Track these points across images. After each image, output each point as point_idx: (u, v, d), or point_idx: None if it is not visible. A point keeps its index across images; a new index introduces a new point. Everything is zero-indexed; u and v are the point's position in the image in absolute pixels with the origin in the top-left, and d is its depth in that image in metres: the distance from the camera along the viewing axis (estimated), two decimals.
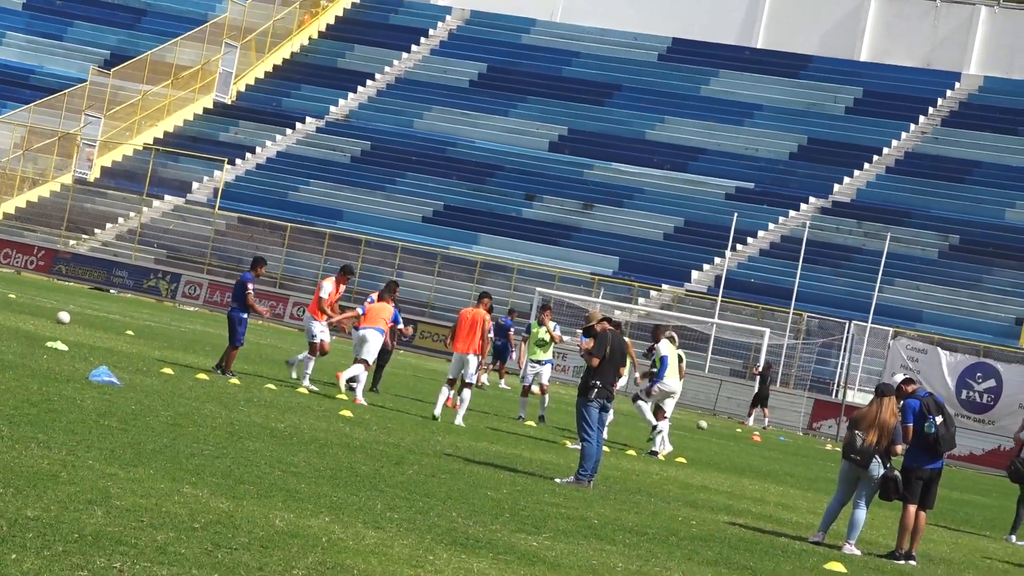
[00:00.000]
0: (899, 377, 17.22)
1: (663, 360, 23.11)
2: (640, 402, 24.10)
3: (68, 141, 57.89)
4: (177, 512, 8.93)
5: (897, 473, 14.84)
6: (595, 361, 16.90)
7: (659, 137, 61.83)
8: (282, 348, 29.00)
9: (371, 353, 24.16)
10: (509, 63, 68.59)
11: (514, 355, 32.34)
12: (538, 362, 27.79)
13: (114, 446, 12.07)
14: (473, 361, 23.01)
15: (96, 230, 56.40)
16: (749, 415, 41.11)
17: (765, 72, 64.25)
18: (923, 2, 59.13)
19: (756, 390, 41.03)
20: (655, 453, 23.30)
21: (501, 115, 64.76)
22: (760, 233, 54.48)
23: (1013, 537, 18.68)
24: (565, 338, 31.17)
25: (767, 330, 47.81)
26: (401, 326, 27.45)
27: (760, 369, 41.76)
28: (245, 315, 24.33)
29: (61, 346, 22.74)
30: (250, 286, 24.37)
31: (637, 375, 25.88)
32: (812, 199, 54.47)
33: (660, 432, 23.39)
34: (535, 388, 28.08)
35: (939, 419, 15.15)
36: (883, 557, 14.59)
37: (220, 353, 25.28)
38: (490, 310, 24.47)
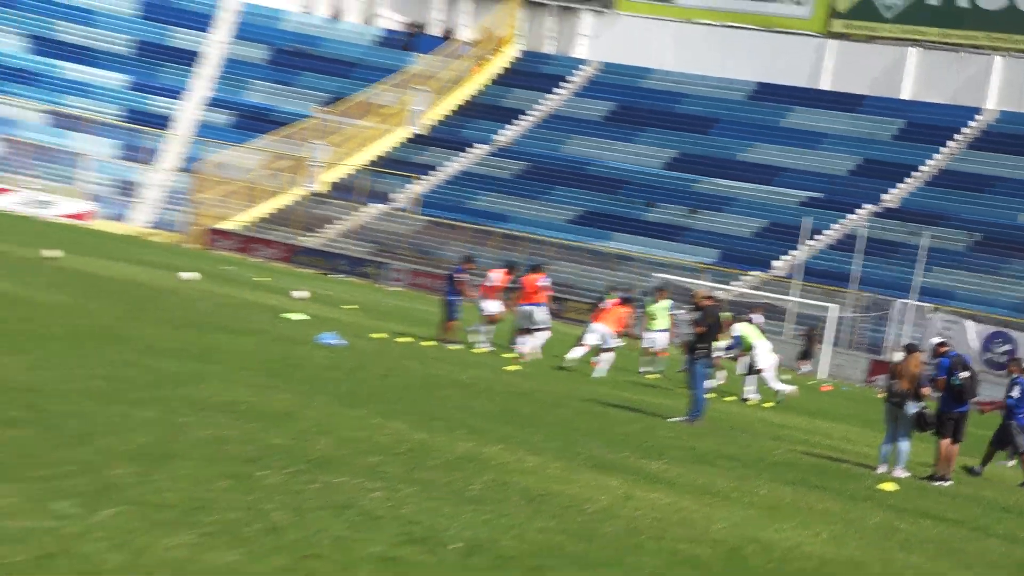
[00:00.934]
0: (936, 340, 19.61)
1: (739, 340, 24.35)
2: (763, 374, 24.45)
3: (300, 163, 63.01)
4: (385, 441, 10.82)
5: (928, 410, 16.17)
6: (700, 329, 19.01)
7: (749, 158, 65.24)
8: (466, 320, 28.94)
9: (547, 322, 26.46)
10: (633, 102, 68.20)
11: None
12: (655, 331, 29.08)
13: (338, 392, 13.89)
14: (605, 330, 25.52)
15: (323, 229, 60.12)
16: (799, 368, 41.84)
17: (830, 108, 68.13)
18: (950, 52, 64.13)
19: (802, 346, 42.72)
20: (780, 401, 25.31)
21: (627, 141, 65.83)
22: (826, 231, 57.89)
23: (978, 468, 18.51)
24: (676, 313, 31.36)
25: (834, 305, 49.45)
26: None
27: (806, 332, 43.75)
28: (456, 298, 26.00)
29: (298, 316, 24.57)
30: (460, 276, 26.58)
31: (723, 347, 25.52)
32: (867, 205, 59.02)
33: (782, 392, 25.08)
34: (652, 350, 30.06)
35: (965, 374, 16.67)
36: (924, 479, 16.06)
37: (420, 324, 28.97)
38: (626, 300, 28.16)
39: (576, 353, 26.29)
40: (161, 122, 66.22)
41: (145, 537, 5.64)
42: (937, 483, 16.02)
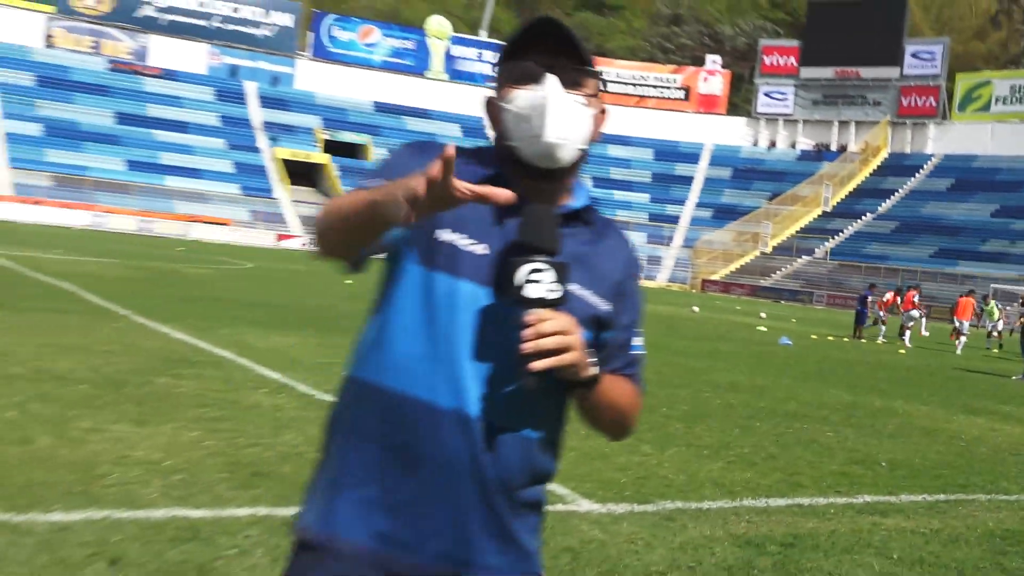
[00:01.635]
0: None
1: None
2: None
3: (757, 235, 73.59)
4: (830, 402, 15.04)
5: None
6: None
7: None
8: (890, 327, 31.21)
9: (918, 321, 30.70)
10: (966, 177, 74.30)
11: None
12: (993, 322, 33.51)
13: (794, 373, 16.95)
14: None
15: (773, 274, 69.21)
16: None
17: None
18: None
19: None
20: None
21: (962, 203, 71.71)
22: None
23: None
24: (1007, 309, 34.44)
25: None
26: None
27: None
28: (864, 310, 30.10)
29: (764, 328, 29.14)
30: (869, 297, 30.93)
31: None
32: None
33: None
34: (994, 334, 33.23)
35: None
36: None
37: (840, 327, 32.72)
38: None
39: (959, 342, 29.18)
40: (673, 219, 77.64)
41: (694, 465, 8.12)
42: None
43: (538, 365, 1.74)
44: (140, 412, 7.85)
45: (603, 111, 2.00)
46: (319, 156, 69.61)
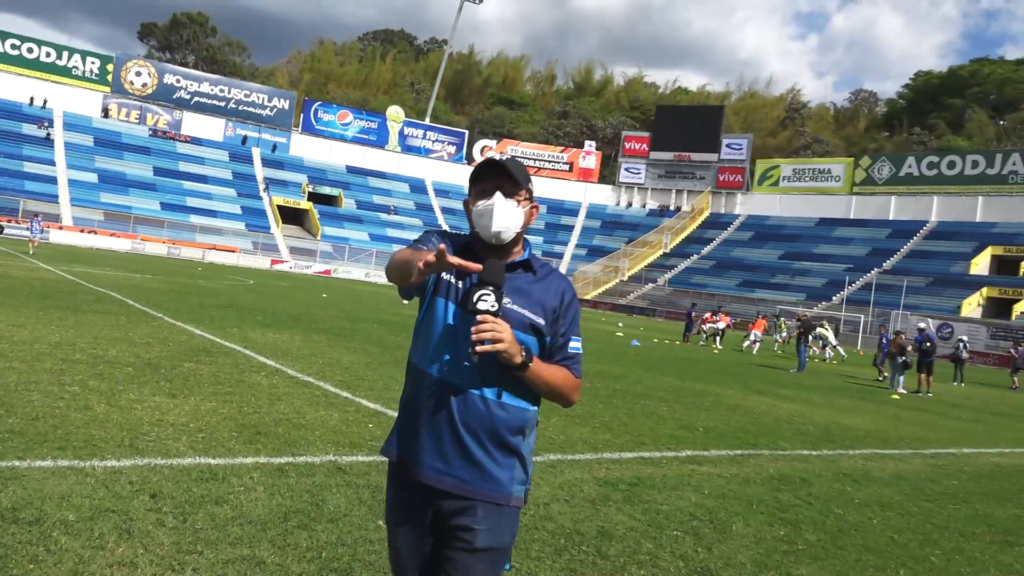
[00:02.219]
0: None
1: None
2: None
3: (616, 267, 73.26)
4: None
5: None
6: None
7: None
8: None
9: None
10: (767, 231, 72.93)
11: None
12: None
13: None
14: None
15: (628, 295, 66.60)
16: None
17: None
18: None
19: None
20: None
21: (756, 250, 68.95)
22: None
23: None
24: None
25: None
26: None
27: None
28: (692, 322, 29.93)
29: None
30: (692, 313, 30.60)
31: None
32: None
33: None
34: None
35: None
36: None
37: (669, 334, 29.90)
38: None
39: (754, 347, 28.62)
40: (559, 255, 73.92)
41: (569, 429, 10.35)
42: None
43: (480, 348, 2.16)
44: (171, 388, 7.66)
45: (535, 207, 2.44)
46: (305, 203, 69.09)
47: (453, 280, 2.34)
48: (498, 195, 2.30)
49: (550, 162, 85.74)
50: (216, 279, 30.56)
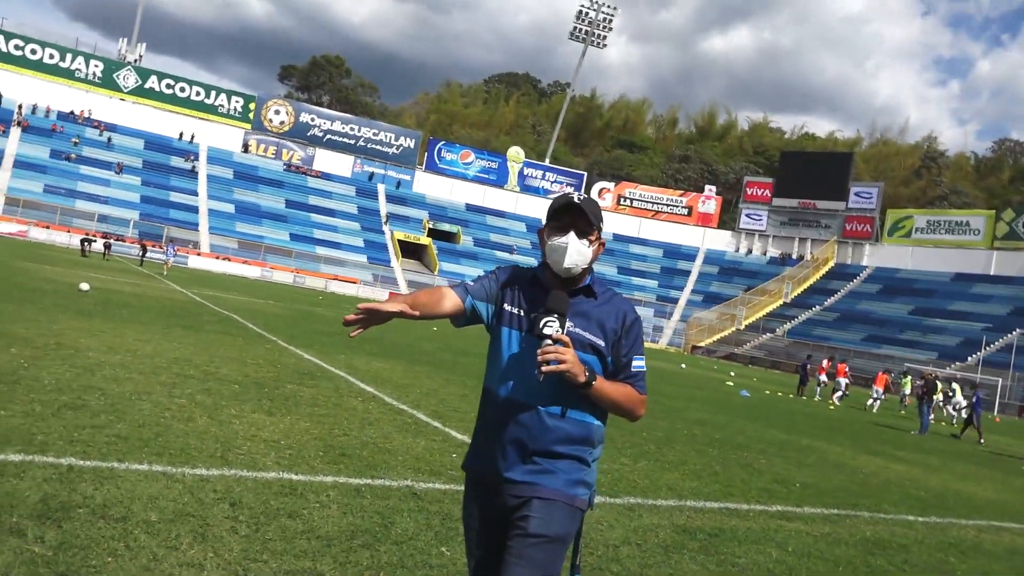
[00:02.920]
0: None
1: None
2: None
3: (733, 315, 72.65)
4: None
5: None
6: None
7: None
8: None
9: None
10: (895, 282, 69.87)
11: None
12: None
13: None
14: None
15: (744, 345, 65.44)
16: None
17: None
18: None
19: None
20: None
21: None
22: None
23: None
24: None
25: None
26: None
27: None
28: (806, 375, 28.32)
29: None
30: (808, 366, 28.59)
31: None
32: None
33: None
34: None
35: None
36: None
37: (783, 387, 28.54)
38: None
39: (876, 404, 27.47)
40: (674, 300, 75.73)
41: (656, 473, 10.07)
42: None
43: (545, 369, 2.36)
44: (271, 406, 8.02)
45: (602, 244, 2.65)
46: (424, 239, 70.95)
47: (516, 311, 2.57)
48: (572, 235, 2.53)
49: (668, 205, 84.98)
50: (334, 308, 31.78)
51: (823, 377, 29.39)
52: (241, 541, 4.04)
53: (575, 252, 2.50)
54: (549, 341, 2.36)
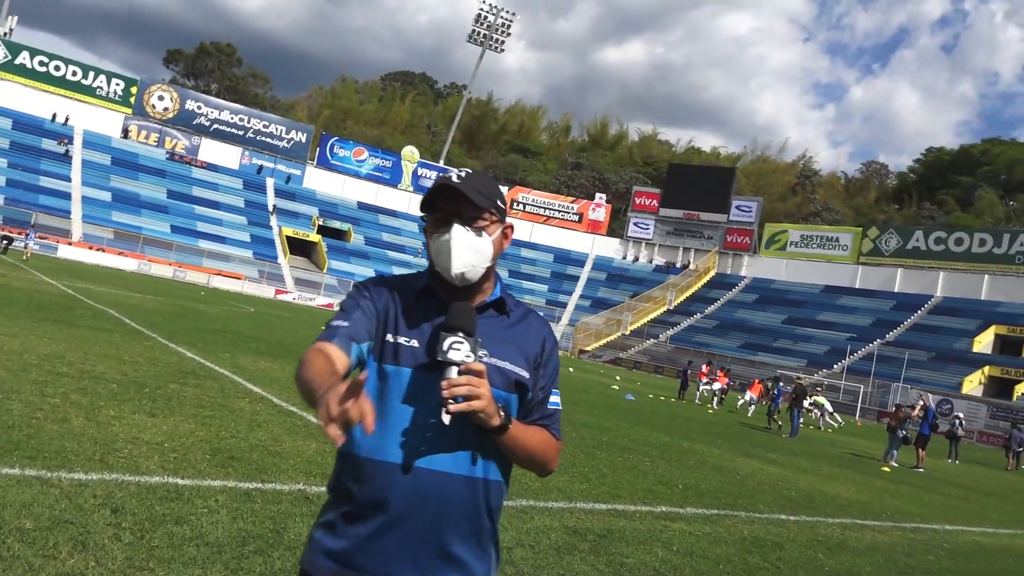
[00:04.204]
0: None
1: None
2: None
3: (619, 321, 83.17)
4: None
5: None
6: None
7: None
8: None
9: None
10: (772, 295, 72.22)
11: None
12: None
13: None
14: None
15: (629, 349, 68.75)
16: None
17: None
18: None
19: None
20: None
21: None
22: None
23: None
24: None
25: None
26: None
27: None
28: (687, 380, 29.32)
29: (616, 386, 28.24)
30: (688, 372, 29.86)
31: None
32: None
33: None
34: None
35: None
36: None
37: (665, 391, 29.51)
38: None
39: (749, 409, 28.41)
40: (563, 305, 75.57)
41: (547, 477, 11.14)
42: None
43: (453, 408, 1.69)
44: (153, 407, 7.68)
45: (508, 227, 1.97)
46: (314, 236, 69.57)
47: (405, 340, 1.84)
48: (456, 227, 1.85)
49: (560, 211, 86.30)
50: (217, 304, 30.67)
51: (703, 383, 30.37)
52: (125, 549, 3.88)
53: (464, 249, 1.85)
54: (455, 371, 1.72)
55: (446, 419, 1.69)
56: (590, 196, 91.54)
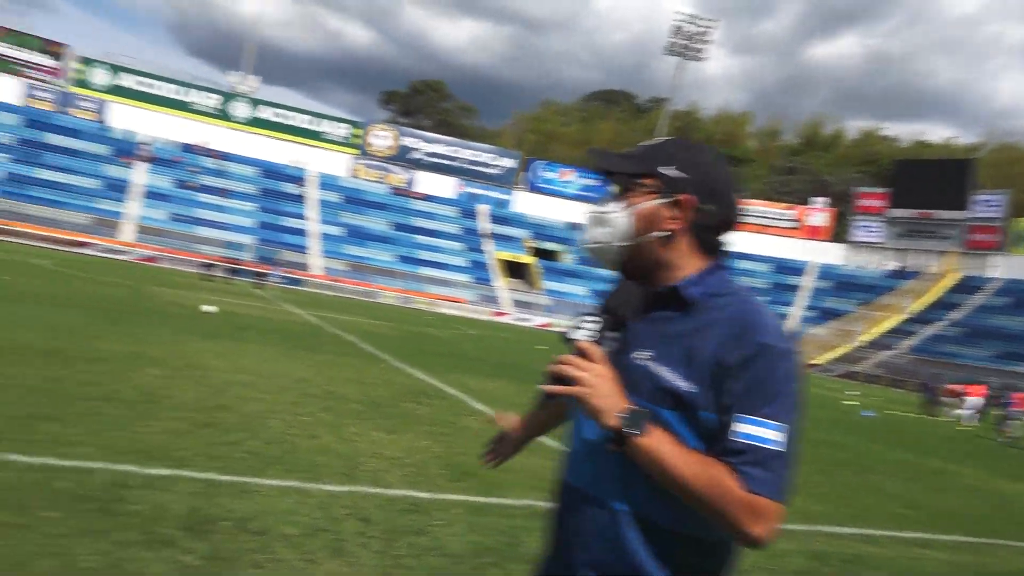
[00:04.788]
0: None
1: None
2: None
3: (849, 332, 72.44)
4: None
5: None
6: None
7: None
8: None
9: None
10: None
11: None
12: None
13: None
14: None
15: (861, 362, 61.46)
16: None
17: None
18: None
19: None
20: None
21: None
22: None
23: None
24: None
25: None
26: None
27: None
28: (933, 395, 27.39)
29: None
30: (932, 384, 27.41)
31: None
32: None
33: None
34: None
35: None
36: None
37: (907, 406, 27.53)
38: None
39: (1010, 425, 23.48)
40: (784, 317, 69.43)
41: None
42: None
43: (548, 388, 1.48)
44: (390, 425, 8.17)
45: (679, 203, 1.64)
46: (527, 258, 71.61)
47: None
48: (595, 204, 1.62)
49: (775, 219, 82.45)
50: (442, 328, 32.19)
51: (953, 399, 27.45)
52: (374, 556, 4.12)
53: (592, 222, 1.65)
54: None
55: (545, 392, 1.50)
56: (806, 201, 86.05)
